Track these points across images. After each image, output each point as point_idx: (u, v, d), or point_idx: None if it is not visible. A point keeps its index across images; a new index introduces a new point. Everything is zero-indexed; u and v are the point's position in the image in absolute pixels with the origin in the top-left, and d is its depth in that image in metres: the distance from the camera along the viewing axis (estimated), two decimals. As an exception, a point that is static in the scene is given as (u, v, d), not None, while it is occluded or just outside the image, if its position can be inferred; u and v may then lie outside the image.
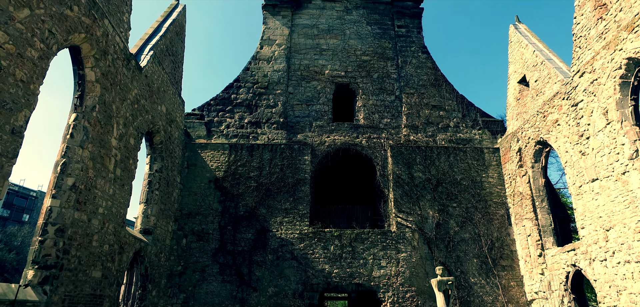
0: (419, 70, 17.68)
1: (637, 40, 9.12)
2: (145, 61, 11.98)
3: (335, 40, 18.34)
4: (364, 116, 16.64)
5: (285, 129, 16.15)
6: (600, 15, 10.60)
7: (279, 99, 16.72)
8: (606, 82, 10.06)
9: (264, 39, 18.06)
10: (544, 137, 12.74)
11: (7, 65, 6.60)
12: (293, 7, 18.84)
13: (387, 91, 17.24)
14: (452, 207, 14.70)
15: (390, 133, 16.27)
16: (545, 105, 12.71)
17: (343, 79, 17.48)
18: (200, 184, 14.82)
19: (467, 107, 16.88)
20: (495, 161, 15.57)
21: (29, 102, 7.15)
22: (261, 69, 17.38)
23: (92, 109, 9.23)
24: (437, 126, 16.44)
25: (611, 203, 9.77)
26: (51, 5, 7.56)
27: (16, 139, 6.86)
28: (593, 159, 10.43)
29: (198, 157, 15.25)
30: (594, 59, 10.53)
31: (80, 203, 8.74)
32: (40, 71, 7.40)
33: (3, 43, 6.50)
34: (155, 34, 13.24)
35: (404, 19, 18.99)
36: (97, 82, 9.38)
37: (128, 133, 10.84)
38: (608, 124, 9.95)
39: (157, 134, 13.02)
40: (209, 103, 16.55)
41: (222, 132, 15.99)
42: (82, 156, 8.83)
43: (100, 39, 9.34)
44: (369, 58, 17.98)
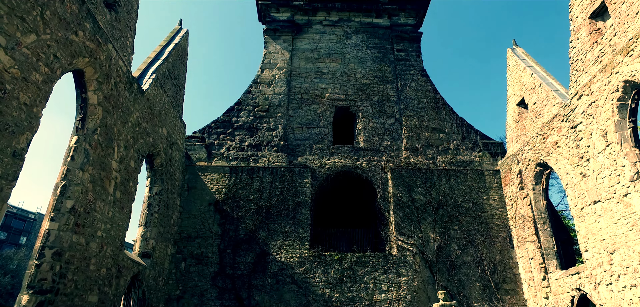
0: (419, 93, 17.85)
1: (632, 63, 9.25)
2: (147, 84, 12.13)
3: (335, 64, 18.60)
4: (364, 139, 16.69)
5: (285, 151, 16.18)
6: (595, 40, 10.78)
7: (279, 122, 16.82)
8: (604, 104, 10.14)
9: (265, 63, 18.31)
10: (544, 159, 12.75)
11: (11, 89, 6.67)
12: (294, 31, 19.19)
13: (387, 114, 17.35)
14: (453, 230, 14.56)
15: (391, 156, 16.29)
16: (545, 127, 12.77)
17: (343, 102, 17.63)
18: (200, 207, 14.75)
19: (467, 130, 16.96)
20: (496, 183, 15.52)
21: (31, 125, 7.19)
22: (262, 92, 17.56)
23: (94, 132, 9.28)
24: (437, 149, 16.47)
25: (614, 225, 9.68)
26: (57, 30, 7.71)
27: (17, 162, 6.87)
28: (594, 181, 10.40)
29: (198, 179, 15.23)
30: (591, 81, 10.64)
31: (79, 226, 8.67)
32: (43, 94, 7.48)
33: (9, 67, 6.59)
34: (158, 57, 13.45)
35: (403, 43, 19.30)
36: (100, 105, 9.46)
37: (129, 155, 10.86)
38: (608, 145, 9.96)
39: (158, 157, 13.04)
40: (210, 126, 16.65)
41: (223, 154, 16.02)
42: (82, 178, 8.82)
43: (104, 63, 9.48)
44: (369, 81, 18.18)
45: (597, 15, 10.90)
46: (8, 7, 6.53)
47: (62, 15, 7.83)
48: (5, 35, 6.49)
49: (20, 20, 6.77)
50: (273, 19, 19.45)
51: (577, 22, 11.48)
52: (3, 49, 6.44)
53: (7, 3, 6.51)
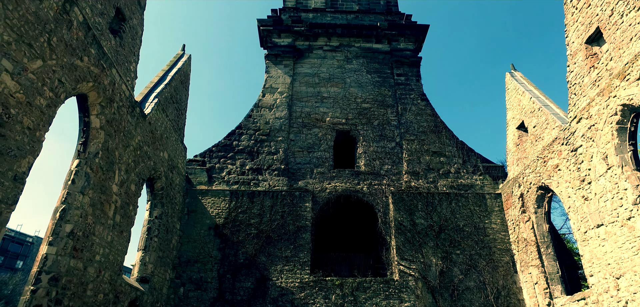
0: (419, 117, 17.98)
1: (629, 87, 9.35)
2: (149, 108, 12.25)
3: (336, 88, 18.81)
4: (364, 163, 16.71)
5: (286, 175, 16.18)
6: (592, 64, 10.93)
7: (280, 146, 16.88)
8: (603, 127, 10.19)
9: (266, 87, 18.54)
10: (546, 182, 12.71)
11: (15, 113, 6.74)
12: (295, 56, 19.51)
13: (387, 138, 17.42)
14: (455, 254, 14.38)
15: (391, 179, 16.26)
16: (545, 150, 12.79)
17: (344, 126, 17.74)
18: (200, 231, 14.63)
19: (467, 153, 16.98)
20: (497, 206, 15.43)
21: (33, 149, 7.23)
22: (263, 116, 17.71)
23: (95, 156, 9.31)
24: (438, 172, 16.45)
25: (619, 250, 9.56)
26: (63, 56, 7.86)
27: (18, 186, 6.86)
28: (596, 204, 10.34)
29: (198, 203, 15.17)
30: (590, 105, 10.73)
31: (77, 250, 8.59)
32: (47, 119, 7.55)
33: (14, 92, 6.68)
34: (161, 82, 13.64)
35: (403, 67, 19.58)
36: (102, 129, 9.54)
37: (129, 179, 10.87)
38: (609, 168, 9.95)
39: (159, 180, 13.04)
40: (211, 149, 16.71)
41: (223, 178, 16.01)
42: (82, 202, 8.80)
43: (107, 87, 9.61)
44: (369, 105, 18.34)
45: (593, 41, 11.09)
46: (17, 35, 6.67)
47: (69, 41, 8.00)
48: (13, 61, 6.60)
49: (28, 46, 6.91)
50: (274, 44, 19.81)
51: (574, 47, 11.68)
52: (9, 75, 6.54)
53: (17, 30, 6.66)
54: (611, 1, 10.21)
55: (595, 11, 10.83)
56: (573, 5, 11.84)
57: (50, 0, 7.44)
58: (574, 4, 11.82)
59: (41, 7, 7.21)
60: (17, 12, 6.66)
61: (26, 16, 6.85)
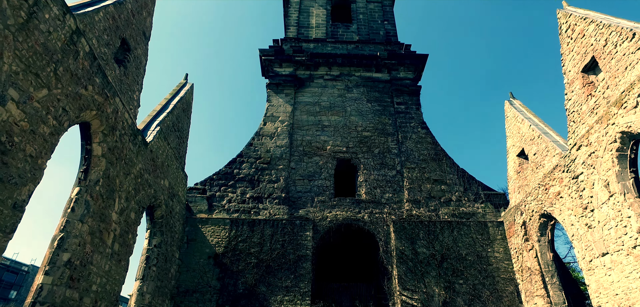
0: (419, 145, 18.04)
1: (627, 115, 9.42)
2: (151, 136, 12.34)
3: (336, 117, 18.98)
4: (365, 191, 16.65)
5: (287, 204, 16.09)
6: (589, 92, 11.06)
7: (281, 174, 16.88)
8: (603, 155, 10.20)
9: (268, 116, 18.72)
10: (548, 210, 12.61)
11: (18, 141, 6.79)
12: (296, 85, 19.80)
13: (388, 166, 17.43)
14: (458, 284, 14.09)
15: (393, 208, 16.15)
16: (546, 178, 12.76)
17: (344, 154, 17.79)
18: (199, 260, 14.42)
19: (469, 181, 16.94)
20: (500, 234, 15.24)
21: (34, 177, 7.24)
22: (264, 145, 17.79)
23: (96, 183, 9.32)
24: (439, 200, 16.36)
25: (626, 279, 9.37)
26: (68, 85, 7.99)
27: (16, 214, 6.82)
28: (600, 232, 10.21)
29: (198, 232, 15.03)
30: (589, 132, 10.79)
31: (74, 280, 8.45)
32: (49, 147, 7.60)
33: (19, 120, 6.75)
34: (163, 110, 13.80)
35: (403, 96, 19.82)
36: (103, 157, 9.58)
37: (129, 207, 10.82)
38: (611, 196, 9.89)
39: (159, 209, 12.98)
40: (212, 177, 16.71)
41: (224, 206, 15.93)
42: (81, 230, 8.73)
43: (110, 116, 9.73)
44: (370, 134, 18.45)
45: (589, 70, 11.28)
46: (25, 65, 6.82)
47: (74, 71, 8.16)
48: (19, 90, 6.72)
49: (35, 76, 7.04)
50: (276, 74, 20.16)
51: (571, 75, 11.86)
52: (15, 103, 6.64)
53: (25, 61, 6.81)
54: (605, 32, 10.45)
55: (589, 41, 11.06)
56: (568, 35, 12.11)
57: (59, 32, 7.65)
58: (569, 34, 12.09)
59: (50, 39, 7.40)
60: (27, 43, 6.84)
61: (35, 47, 7.03)
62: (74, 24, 8.06)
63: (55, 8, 7.52)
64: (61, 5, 7.67)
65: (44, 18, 7.26)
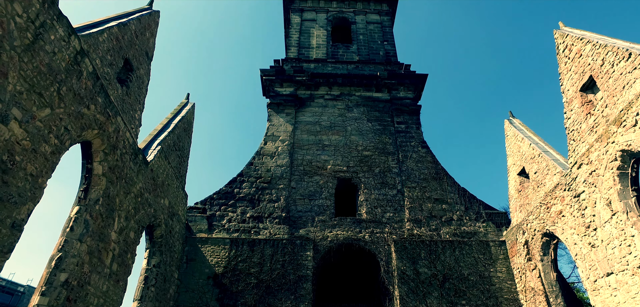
0: (420, 164, 18.04)
1: (627, 133, 9.45)
2: (152, 155, 12.38)
3: (337, 136, 19.04)
4: (366, 211, 16.56)
5: (287, 223, 16.00)
6: (588, 111, 11.13)
7: (281, 194, 16.83)
8: (604, 173, 10.18)
9: (268, 135, 18.79)
10: (550, 228, 12.51)
11: (20, 160, 6.80)
12: (296, 105, 19.94)
13: (389, 185, 17.39)
14: (461, 304, 13.86)
15: (394, 227, 16.04)
16: (547, 196, 12.70)
17: (345, 173, 17.77)
18: (198, 280, 14.25)
19: (470, 200, 16.86)
20: (502, 254, 15.08)
21: (34, 196, 7.22)
22: (265, 164, 17.80)
23: (96, 202, 9.29)
24: (441, 220, 16.25)
25: (632, 300, 9.22)
26: (71, 104, 8.07)
27: (15, 234, 6.77)
28: (604, 252, 10.10)
29: (198, 251, 14.90)
30: (589, 151, 10.80)
31: (70, 301, 8.34)
32: (50, 166, 7.61)
33: (21, 139, 6.79)
34: (164, 129, 13.88)
35: (403, 115, 19.93)
36: (104, 176, 9.59)
37: (129, 226, 10.76)
38: (613, 215, 9.83)
39: (158, 228, 12.90)
40: (212, 197, 16.66)
41: (224, 226, 15.83)
42: (80, 250, 8.66)
43: (112, 135, 9.78)
44: (370, 153, 18.47)
45: (587, 88, 11.37)
46: (29, 85, 6.90)
47: (77, 90, 8.25)
48: (22, 109, 6.78)
49: (38, 96, 7.12)
50: (277, 94, 20.33)
51: (569, 94, 11.95)
52: (18, 122, 6.69)
53: (29, 81, 6.90)
54: (601, 52, 10.58)
55: (587, 61, 11.19)
56: (565, 55, 12.27)
57: (64, 53, 7.77)
58: (566, 54, 12.25)
59: (54, 59, 7.51)
60: (32, 63, 6.94)
61: (40, 67, 7.13)
62: (78, 45, 8.19)
63: (60, 29, 7.66)
64: (67, 27, 7.82)
65: (50, 39, 7.39)
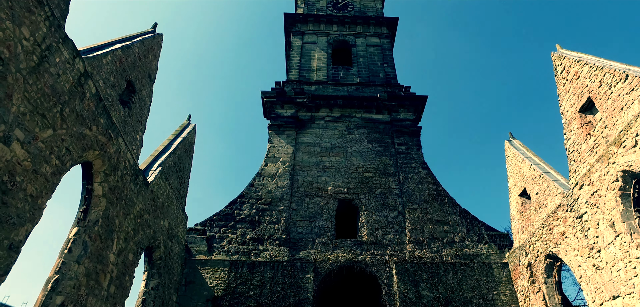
0: (421, 185, 17.99)
1: (627, 154, 9.45)
2: (152, 177, 12.38)
3: (337, 158, 19.06)
4: (367, 232, 16.42)
5: (287, 245, 15.85)
6: (587, 131, 11.16)
7: (282, 215, 16.74)
8: (606, 194, 10.13)
9: (269, 157, 18.82)
10: (553, 250, 12.36)
11: (20, 181, 6.79)
12: (297, 127, 20.05)
13: (389, 207, 17.30)
14: (466, 329, 13.56)
15: (395, 250, 15.87)
16: (550, 217, 12.60)
17: (346, 195, 17.70)
18: (197, 303, 14.01)
19: (471, 221, 16.73)
20: (505, 276, 14.85)
21: (33, 217, 7.19)
22: (265, 185, 17.77)
23: (95, 223, 9.24)
24: (442, 241, 16.09)
25: (639, 324, 9.01)
26: (73, 125, 8.13)
27: (12, 255, 6.69)
28: (609, 274, 9.95)
29: (197, 274, 14.71)
30: (590, 171, 10.78)
31: (67, 324, 8.18)
32: (50, 186, 7.60)
33: (22, 160, 6.80)
34: (165, 150, 13.93)
35: (404, 136, 19.99)
36: (104, 197, 9.57)
37: (128, 248, 10.67)
38: (617, 236, 9.73)
39: (157, 250, 12.78)
40: (212, 218, 16.56)
41: (224, 248, 15.68)
42: (77, 272, 8.56)
43: (113, 156, 9.81)
44: (371, 174, 18.45)
45: (586, 110, 11.44)
46: (33, 106, 6.96)
47: (80, 111, 8.33)
48: (25, 130, 6.82)
49: (41, 117, 7.17)
50: (277, 115, 20.47)
51: (568, 115, 12.02)
52: (20, 143, 6.72)
53: (33, 102, 6.96)
54: (598, 73, 10.70)
55: (584, 82, 11.31)
56: (563, 76, 12.40)
57: (68, 74, 7.88)
58: (564, 75, 12.38)
59: (59, 81, 7.61)
60: (36, 85, 7.03)
61: (44, 89, 7.22)
62: (82, 67, 8.32)
63: (66, 52, 7.79)
64: (72, 49, 7.96)
65: (55, 61, 7.51)
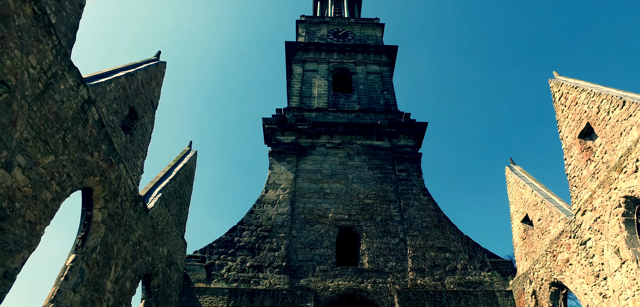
0: (422, 212, 17.86)
1: (628, 180, 9.43)
2: (152, 203, 12.32)
3: (338, 185, 19.01)
4: (368, 260, 16.20)
5: (287, 273, 15.60)
6: (588, 157, 11.17)
7: (282, 242, 16.56)
8: (610, 220, 10.04)
9: (270, 183, 18.78)
10: (558, 277, 12.13)
11: (19, 207, 6.74)
12: (298, 153, 20.10)
13: (391, 234, 17.12)
14: (471, 361, 13.15)
15: (396, 277, 15.60)
16: (553, 244, 12.44)
17: (346, 222, 17.56)
18: (194, 335, 13.65)
19: (474, 248, 16.52)
20: (510, 304, 14.52)
21: (30, 243, 7.09)
22: (265, 212, 17.65)
23: (93, 250, 9.13)
24: (444, 269, 15.84)
25: (649, 355, 8.74)
26: (75, 151, 8.16)
27: (7, 283, 6.56)
28: (617, 303, 9.72)
29: (195, 302, 14.40)
30: (592, 197, 10.71)
31: (61, 355, 7.96)
32: (49, 212, 7.55)
33: (22, 186, 6.77)
34: (166, 177, 13.92)
35: (404, 163, 20.00)
36: (103, 223, 9.50)
37: (125, 276, 10.50)
38: (623, 263, 9.57)
39: (156, 277, 12.57)
40: (212, 245, 16.38)
41: (223, 275, 15.43)
42: (73, 300, 8.39)
43: (113, 182, 9.80)
44: (372, 201, 18.35)
45: (585, 135, 11.49)
46: (36, 132, 7.01)
47: (82, 137, 8.39)
48: (27, 156, 6.83)
49: (43, 143, 7.21)
50: (278, 142, 20.56)
51: (568, 141, 12.06)
52: (21, 169, 6.72)
53: (36, 128, 7.01)
54: (596, 99, 10.81)
55: (583, 108, 11.41)
56: (562, 103, 12.52)
57: (72, 101, 7.98)
58: (562, 102, 12.51)
59: (62, 107, 7.70)
60: (40, 112, 7.10)
61: (48, 115, 7.29)
62: (86, 94, 8.44)
63: (70, 79, 7.92)
64: (76, 77, 8.10)
65: (60, 89, 7.62)
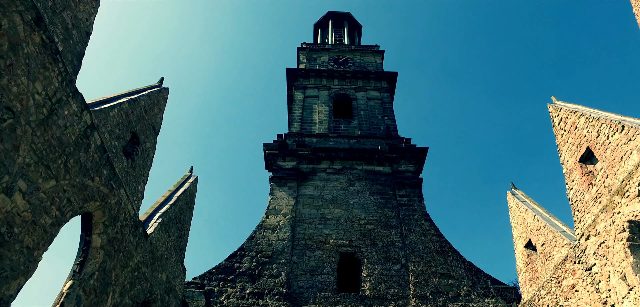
0: (424, 237, 17.69)
1: (631, 204, 9.37)
2: (152, 228, 12.24)
3: (339, 210, 18.91)
4: (369, 286, 15.94)
5: (288, 300, 15.33)
6: (589, 181, 11.14)
7: (282, 269, 16.34)
8: (614, 245, 9.92)
9: (270, 209, 18.70)
10: (564, 305, 11.86)
11: (18, 232, 6.69)
12: (299, 179, 20.09)
13: (392, 260, 16.91)
14: None
15: (399, 304, 15.32)
16: (558, 270, 12.24)
17: (348, 248, 17.37)
18: (192, 365, 13.28)
19: (477, 274, 16.26)
20: (517, 334, 14.15)
21: (27, 269, 7.00)
22: (266, 238, 17.50)
23: (91, 276, 9.01)
24: (448, 295, 15.54)
25: None
26: (76, 176, 8.18)
27: (2, 311, 6.47)
28: (625, 331, 9.47)
29: (193, 332, 14.08)
30: (596, 221, 10.62)
31: None
32: (48, 238, 7.50)
33: (22, 211, 6.74)
34: (166, 202, 13.87)
35: (405, 188, 19.95)
36: (102, 248, 9.41)
37: (123, 302, 10.31)
38: (631, 289, 9.38)
39: (154, 304, 12.32)
40: (211, 272, 16.16)
41: (222, 303, 15.16)
42: (69, 328, 8.22)
43: (113, 207, 9.77)
44: (373, 227, 18.21)
45: (586, 159, 11.50)
46: (38, 157, 7.04)
47: (84, 163, 8.42)
48: (28, 181, 6.84)
49: (45, 168, 7.23)
50: (279, 167, 20.59)
51: (569, 165, 12.06)
52: (22, 194, 6.71)
53: (38, 153, 7.05)
54: (595, 124, 10.88)
55: (582, 133, 11.46)
56: (561, 127, 12.59)
57: (75, 127, 8.06)
58: (561, 126, 12.58)
59: (65, 133, 7.77)
60: (44, 137, 7.16)
61: (50, 140, 7.35)
62: (89, 119, 8.53)
63: (74, 105, 8.03)
64: (80, 102, 8.21)
65: (63, 114, 7.71)
